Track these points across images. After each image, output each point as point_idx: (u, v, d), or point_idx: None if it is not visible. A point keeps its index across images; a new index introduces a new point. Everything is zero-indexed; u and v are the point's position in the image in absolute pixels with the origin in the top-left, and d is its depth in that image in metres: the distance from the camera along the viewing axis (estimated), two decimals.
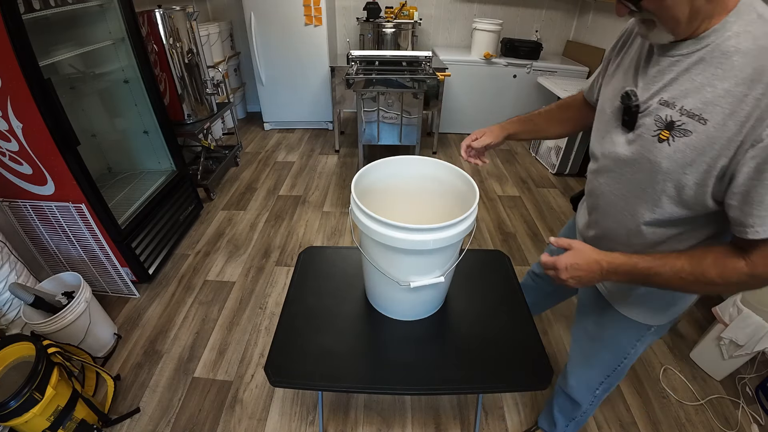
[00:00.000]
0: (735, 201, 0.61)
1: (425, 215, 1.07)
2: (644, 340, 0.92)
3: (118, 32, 1.90)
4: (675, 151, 0.64)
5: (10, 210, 1.66)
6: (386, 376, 0.91)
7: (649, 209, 0.72)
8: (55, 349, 1.27)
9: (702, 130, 0.61)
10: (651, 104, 0.68)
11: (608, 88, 0.80)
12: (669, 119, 0.65)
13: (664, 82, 0.67)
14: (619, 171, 0.76)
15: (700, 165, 0.62)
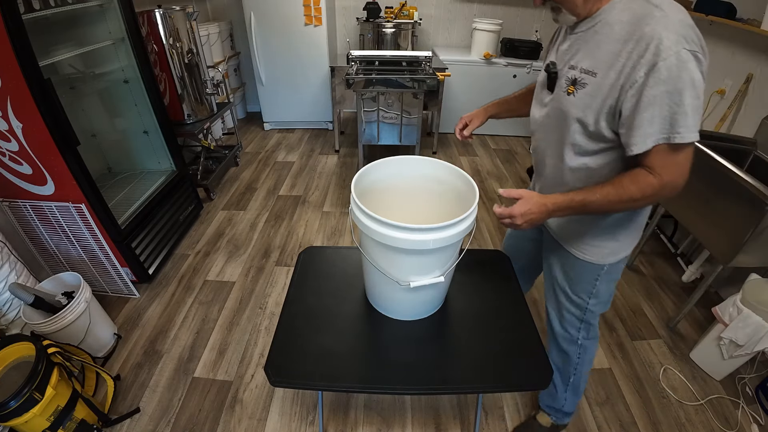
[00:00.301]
0: (623, 129, 0.80)
1: (425, 215, 1.07)
2: (602, 279, 1.07)
3: (118, 32, 1.90)
4: (577, 100, 0.85)
5: (10, 210, 1.66)
6: (386, 376, 0.91)
7: (570, 149, 0.91)
8: (55, 349, 1.27)
9: (593, 81, 0.81)
10: (563, 70, 0.89)
11: (545, 63, 0.99)
12: (573, 77, 0.86)
13: (572, 52, 0.87)
14: (546, 124, 0.97)
15: (594, 106, 0.82)
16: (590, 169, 0.90)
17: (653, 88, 0.72)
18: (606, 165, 0.89)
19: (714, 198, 1.64)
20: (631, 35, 0.74)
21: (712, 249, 1.67)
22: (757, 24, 1.85)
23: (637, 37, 0.73)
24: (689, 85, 0.71)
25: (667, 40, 0.70)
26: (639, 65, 0.73)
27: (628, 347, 1.79)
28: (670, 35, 0.70)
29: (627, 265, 2.27)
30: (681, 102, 0.72)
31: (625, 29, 0.76)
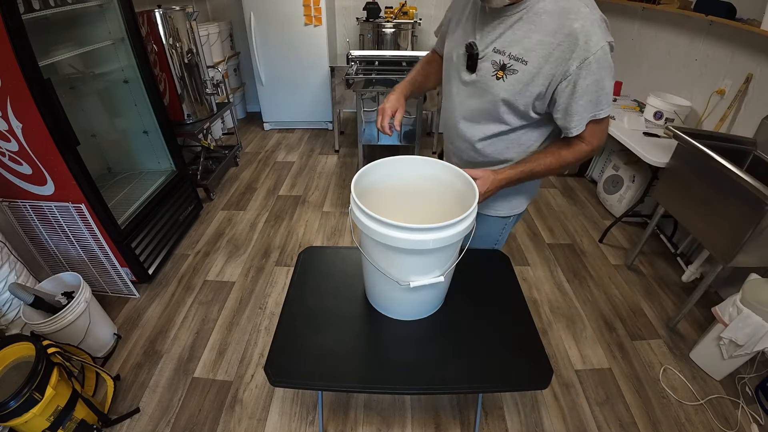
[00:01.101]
0: (559, 115, 0.91)
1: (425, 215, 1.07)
2: (507, 228, 1.25)
3: (117, 32, 1.90)
4: (507, 84, 0.91)
5: (9, 210, 1.66)
6: (386, 375, 0.91)
7: (494, 125, 1.00)
8: (54, 349, 1.26)
9: (524, 69, 0.88)
10: (487, 52, 0.92)
11: (452, 40, 1.02)
12: (502, 63, 0.90)
13: (495, 36, 0.90)
14: (467, 102, 1.01)
15: (525, 92, 0.90)
16: (510, 140, 1.03)
17: (585, 79, 0.84)
18: (526, 135, 1.01)
19: (714, 198, 1.64)
20: (561, 28, 0.82)
21: (711, 249, 1.67)
22: (757, 24, 1.85)
23: (567, 31, 0.81)
24: (609, 72, 0.84)
25: (594, 36, 0.80)
26: (572, 59, 0.82)
27: (628, 347, 1.79)
28: (596, 31, 0.81)
29: (627, 265, 2.28)
30: (604, 86, 0.86)
31: (554, 21, 0.83)
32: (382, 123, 1.10)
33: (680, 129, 1.83)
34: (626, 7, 3.04)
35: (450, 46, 1.04)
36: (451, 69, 1.05)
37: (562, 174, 3.28)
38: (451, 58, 1.04)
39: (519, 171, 0.99)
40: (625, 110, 2.63)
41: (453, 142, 1.14)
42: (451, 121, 1.10)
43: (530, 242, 2.45)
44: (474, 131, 1.04)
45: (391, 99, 1.13)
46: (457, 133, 1.09)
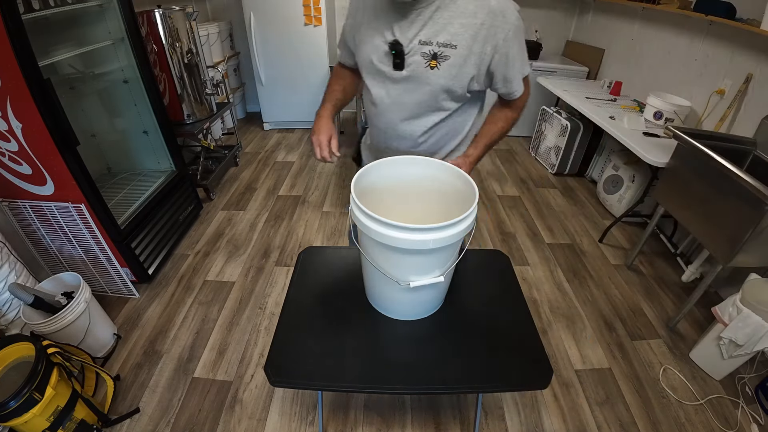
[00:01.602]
0: (500, 84, 1.01)
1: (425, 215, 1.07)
2: None
3: (117, 32, 1.89)
4: (443, 71, 0.95)
5: (9, 210, 1.66)
6: (386, 376, 0.91)
7: (434, 114, 1.04)
8: (54, 349, 1.26)
9: (456, 52, 0.93)
10: (413, 46, 0.94)
11: (368, 45, 1.01)
12: (432, 52, 0.93)
13: (417, 28, 0.92)
14: (404, 99, 1.02)
15: (460, 75, 0.96)
16: (449, 126, 1.09)
17: (513, 47, 0.94)
18: (461, 116, 1.09)
19: (714, 198, 1.64)
20: (479, 9, 0.90)
21: (711, 249, 1.67)
22: (757, 24, 1.85)
23: (486, 10, 0.90)
24: (524, 35, 0.97)
25: (509, 8, 0.90)
26: (497, 33, 0.91)
27: (628, 347, 1.79)
28: (509, 4, 0.91)
29: (627, 265, 2.28)
30: (524, 48, 0.98)
31: (470, 3, 0.90)
32: (322, 154, 1.07)
33: (680, 129, 1.83)
34: (626, 7, 3.05)
35: (367, 51, 1.02)
36: (374, 74, 1.04)
37: (561, 173, 3.28)
38: (371, 63, 1.02)
39: (482, 146, 1.08)
40: (625, 110, 2.63)
41: (389, 145, 1.14)
42: (387, 124, 1.09)
43: (530, 242, 2.45)
44: (415, 127, 1.07)
45: (322, 126, 1.09)
46: (397, 133, 1.10)
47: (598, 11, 3.51)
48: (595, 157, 3.17)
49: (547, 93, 3.39)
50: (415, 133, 1.08)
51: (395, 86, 1.01)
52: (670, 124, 2.28)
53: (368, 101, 1.11)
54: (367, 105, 1.14)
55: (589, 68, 3.53)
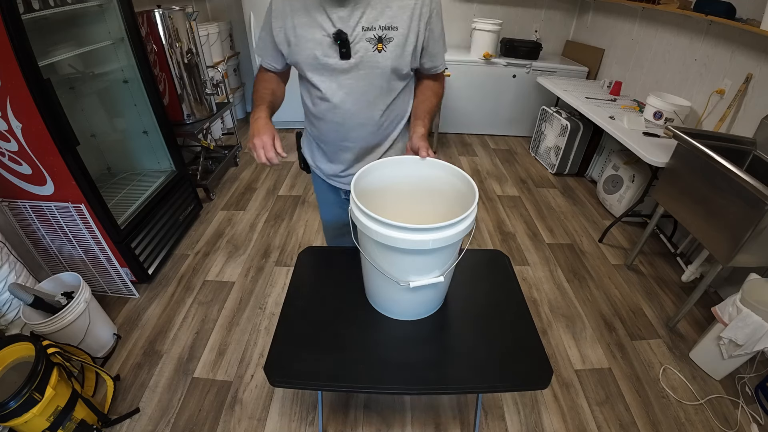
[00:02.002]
0: (427, 59, 1.07)
1: (425, 215, 1.07)
2: None
3: (117, 32, 1.89)
4: (389, 53, 0.99)
5: (9, 210, 1.66)
6: (386, 376, 0.91)
7: (386, 96, 1.08)
8: (54, 349, 1.26)
9: (398, 33, 0.98)
10: (357, 34, 0.97)
11: (306, 42, 1.00)
12: (377, 36, 0.97)
13: (357, 17, 0.95)
14: (358, 87, 1.03)
15: (404, 54, 1.01)
16: (397, 105, 1.13)
17: (437, 24, 1.03)
18: (405, 94, 1.14)
19: (713, 198, 1.64)
20: None
21: (711, 249, 1.67)
22: (757, 24, 1.85)
23: None
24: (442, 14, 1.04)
25: None
26: (425, 11, 0.98)
27: (628, 347, 1.79)
28: None
29: (627, 265, 2.28)
30: (443, 26, 1.06)
31: None
32: (267, 155, 0.97)
33: (680, 129, 1.83)
34: (626, 7, 3.05)
35: (309, 48, 1.00)
36: (320, 69, 1.03)
37: (560, 173, 3.28)
38: (315, 59, 1.01)
39: (426, 120, 1.12)
40: (625, 110, 2.63)
41: (348, 136, 1.14)
42: (345, 115, 1.09)
43: (530, 242, 2.45)
44: (374, 110, 1.09)
45: (261, 127, 1.00)
46: (357, 122, 1.10)
47: (597, 11, 3.51)
48: (594, 157, 3.17)
49: (547, 93, 3.39)
50: (375, 116, 1.10)
51: (346, 76, 1.02)
52: (670, 124, 2.28)
53: (316, 99, 1.09)
54: (313, 104, 1.11)
55: (589, 68, 3.53)
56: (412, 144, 1.05)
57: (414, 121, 1.12)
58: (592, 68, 3.52)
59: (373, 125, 1.12)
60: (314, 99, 1.10)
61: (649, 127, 2.37)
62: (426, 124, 1.11)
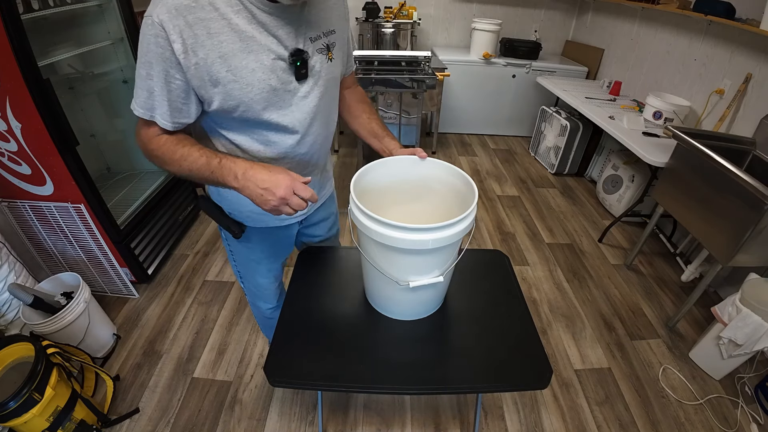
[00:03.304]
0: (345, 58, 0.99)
1: (424, 215, 1.07)
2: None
3: (116, 32, 1.90)
4: (336, 59, 0.91)
5: (9, 210, 1.66)
6: (386, 375, 0.91)
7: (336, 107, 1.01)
8: (54, 349, 1.26)
9: (337, 36, 0.89)
10: (308, 47, 0.82)
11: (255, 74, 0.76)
12: (326, 44, 0.86)
13: (304, 28, 0.81)
14: (319, 107, 0.89)
15: (343, 57, 0.96)
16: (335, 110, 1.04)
17: (349, 22, 0.95)
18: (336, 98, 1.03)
19: (713, 197, 1.64)
20: None
21: (711, 248, 1.67)
22: (756, 24, 1.85)
23: None
24: None
25: None
26: (344, 10, 0.92)
27: (628, 347, 1.80)
28: None
29: (626, 265, 2.28)
30: None
31: None
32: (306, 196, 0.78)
33: (679, 129, 1.83)
34: (626, 7, 3.05)
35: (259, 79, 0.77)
36: (275, 103, 0.81)
37: (560, 173, 3.28)
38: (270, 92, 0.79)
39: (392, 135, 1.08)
40: (625, 110, 2.63)
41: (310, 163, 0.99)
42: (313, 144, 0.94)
43: (530, 242, 2.46)
44: (332, 126, 1.01)
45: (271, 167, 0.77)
46: (321, 143, 0.98)
47: (597, 11, 3.52)
48: (594, 156, 3.17)
49: (546, 93, 3.39)
50: (333, 130, 1.03)
51: (305, 100, 0.85)
52: (670, 124, 2.28)
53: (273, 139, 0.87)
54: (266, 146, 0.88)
55: (588, 68, 3.53)
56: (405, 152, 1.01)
57: (381, 141, 1.05)
58: (591, 68, 3.52)
59: (330, 139, 1.04)
60: (268, 141, 0.87)
61: (649, 127, 2.37)
62: (393, 137, 1.08)
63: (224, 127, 0.85)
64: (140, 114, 0.77)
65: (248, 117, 0.81)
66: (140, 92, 0.75)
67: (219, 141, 0.88)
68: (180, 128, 0.81)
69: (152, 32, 0.68)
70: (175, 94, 0.75)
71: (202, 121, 0.85)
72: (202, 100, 0.78)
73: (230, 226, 1.02)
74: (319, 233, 1.27)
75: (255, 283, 1.24)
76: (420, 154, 0.99)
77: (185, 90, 0.75)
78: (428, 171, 1.02)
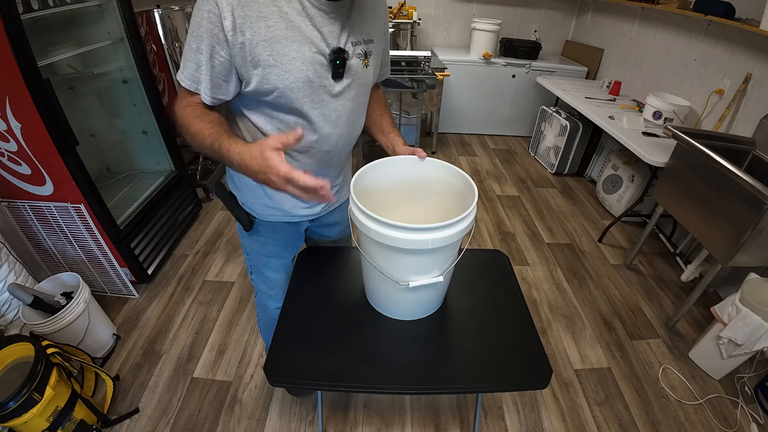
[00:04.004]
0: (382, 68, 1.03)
1: (424, 215, 1.07)
2: None
3: (116, 32, 1.89)
4: (372, 68, 0.93)
5: (8, 210, 1.66)
6: (386, 375, 0.91)
7: (365, 111, 1.02)
8: (54, 349, 1.26)
9: (374, 46, 0.91)
10: (349, 49, 0.84)
11: (295, 63, 0.78)
12: (364, 51, 0.88)
13: (347, 30, 0.83)
14: (347, 109, 0.91)
15: (378, 67, 0.98)
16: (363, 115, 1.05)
17: (388, 31, 0.98)
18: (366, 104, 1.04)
19: (713, 197, 1.64)
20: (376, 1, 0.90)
21: (711, 248, 1.67)
22: (756, 24, 1.85)
23: (381, 2, 0.93)
24: None
25: None
26: (384, 20, 0.94)
27: (627, 347, 1.80)
28: None
29: (626, 265, 2.28)
30: None
31: None
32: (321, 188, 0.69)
33: (679, 129, 1.83)
34: (625, 7, 3.05)
35: (295, 70, 0.78)
36: (309, 95, 0.83)
37: (560, 173, 3.29)
38: (306, 83, 0.81)
39: (397, 131, 1.08)
40: (625, 110, 2.64)
41: (331, 163, 1.02)
42: (335, 144, 0.95)
43: (529, 242, 2.46)
44: (357, 130, 1.02)
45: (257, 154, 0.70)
46: (344, 144, 0.98)
47: (597, 11, 3.52)
48: (594, 156, 3.17)
49: (546, 93, 3.39)
50: (357, 133, 1.03)
51: (337, 99, 0.88)
52: (670, 124, 2.28)
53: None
54: None
55: (588, 68, 3.54)
56: (400, 155, 1.02)
57: (387, 136, 1.06)
58: (591, 68, 3.52)
59: (352, 144, 1.05)
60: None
61: (649, 126, 2.37)
62: (399, 134, 1.08)
63: (253, 111, 0.87)
64: (187, 86, 0.80)
65: (281, 103, 0.83)
66: (189, 64, 0.78)
67: (245, 126, 0.92)
68: (217, 104, 0.85)
69: (206, 7, 0.71)
70: (217, 70, 0.77)
71: (235, 102, 0.88)
72: (241, 79, 0.80)
73: (241, 217, 1.05)
74: (331, 235, 1.27)
75: (265, 278, 1.25)
76: (420, 154, 0.99)
77: (227, 68, 0.77)
78: (428, 171, 1.02)
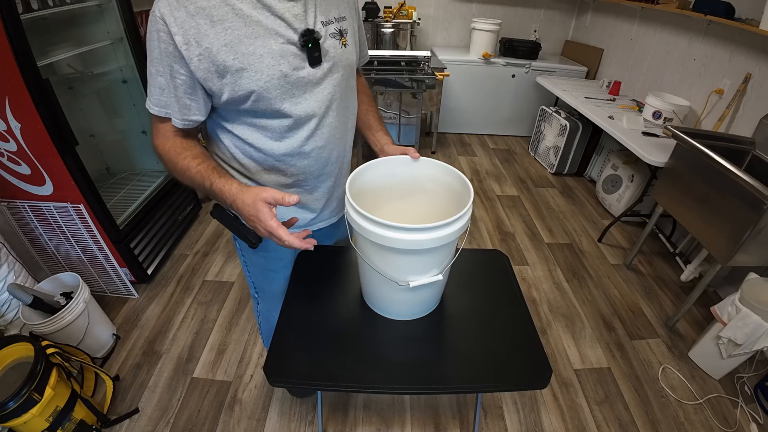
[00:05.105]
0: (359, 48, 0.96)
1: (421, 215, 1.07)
2: None
3: (116, 32, 1.89)
4: (351, 46, 0.87)
5: (8, 210, 1.66)
6: (385, 375, 0.91)
7: (354, 96, 0.96)
8: (53, 349, 1.26)
9: (348, 23, 0.85)
10: (320, 30, 0.78)
11: (264, 60, 0.73)
12: (338, 30, 0.82)
13: (312, 11, 0.77)
14: (334, 95, 0.86)
15: (357, 44, 0.92)
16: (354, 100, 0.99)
17: (359, 10, 0.94)
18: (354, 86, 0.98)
19: (712, 197, 1.64)
20: None
21: (710, 248, 1.67)
22: (756, 24, 1.85)
23: None
24: None
25: None
26: (355, 1, 0.91)
27: (627, 347, 1.80)
28: None
29: (626, 265, 2.28)
30: None
31: None
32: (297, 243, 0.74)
33: (679, 129, 1.83)
34: (625, 7, 3.05)
35: (265, 68, 0.73)
36: (288, 90, 0.78)
37: (560, 173, 3.28)
38: (282, 79, 0.75)
39: (385, 129, 1.04)
40: (624, 110, 2.64)
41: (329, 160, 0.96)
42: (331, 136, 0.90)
43: (529, 242, 2.46)
44: (350, 118, 0.96)
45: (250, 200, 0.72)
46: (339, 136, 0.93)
47: (597, 11, 3.52)
48: (594, 156, 3.17)
49: (546, 93, 3.39)
50: (352, 123, 0.97)
51: (320, 87, 0.81)
52: (669, 124, 2.28)
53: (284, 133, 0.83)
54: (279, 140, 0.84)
55: (588, 68, 3.54)
56: (389, 154, 0.97)
57: (375, 134, 1.01)
58: (591, 68, 3.52)
59: (350, 133, 0.97)
60: (281, 135, 0.83)
61: (648, 126, 2.37)
62: (387, 132, 1.03)
63: (234, 124, 0.83)
64: (155, 112, 0.77)
65: (261, 108, 0.78)
66: (153, 90, 0.75)
67: (231, 141, 0.87)
68: (191, 126, 0.81)
69: (155, 27, 0.68)
70: (181, 90, 0.73)
71: (212, 121, 0.85)
72: (210, 93, 0.76)
73: (247, 236, 0.88)
74: (333, 236, 1.26)
75: (272, 292, 1.17)
76: (413, 154, 0.95)
77: (191, 85, 0.73)
78: (424, 171, 1.02)
